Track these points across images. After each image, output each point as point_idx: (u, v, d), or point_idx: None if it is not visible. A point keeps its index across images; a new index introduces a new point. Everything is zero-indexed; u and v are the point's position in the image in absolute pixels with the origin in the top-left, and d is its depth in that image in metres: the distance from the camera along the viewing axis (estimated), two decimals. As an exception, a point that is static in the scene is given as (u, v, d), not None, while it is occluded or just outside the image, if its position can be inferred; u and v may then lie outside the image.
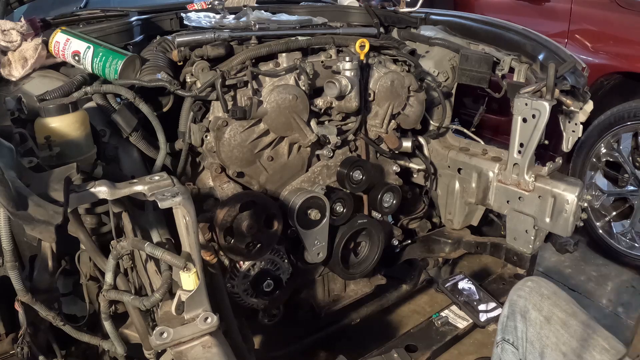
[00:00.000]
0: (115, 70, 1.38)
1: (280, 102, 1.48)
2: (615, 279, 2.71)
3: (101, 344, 1.31)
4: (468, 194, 1.92)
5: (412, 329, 1.68)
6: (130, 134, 1.38)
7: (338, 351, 1.65)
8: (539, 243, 1.81)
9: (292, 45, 1.56)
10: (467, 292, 1.77)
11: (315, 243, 1.64)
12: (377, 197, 1.79)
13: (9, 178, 0.85)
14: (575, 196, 1.63)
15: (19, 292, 1.09)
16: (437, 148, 2.00)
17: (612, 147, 2.71)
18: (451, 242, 2.02)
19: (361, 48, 1.60)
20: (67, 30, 1.43)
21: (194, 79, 1.48)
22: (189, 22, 1.68)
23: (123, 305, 1.29)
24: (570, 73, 1.70)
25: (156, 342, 1.03)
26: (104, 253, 1.22)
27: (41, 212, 0.85)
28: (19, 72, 1.36)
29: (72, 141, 1.19)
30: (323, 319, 1.86)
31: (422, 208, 2.07)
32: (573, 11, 3.01)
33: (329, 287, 1.90)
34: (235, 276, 1.57)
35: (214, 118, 1.49)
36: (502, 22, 1.98)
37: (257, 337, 1.85)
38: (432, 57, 1.96)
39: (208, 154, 1.53)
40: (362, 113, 1.69)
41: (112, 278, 1.15)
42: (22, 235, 1.24)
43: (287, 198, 1.61)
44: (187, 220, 1.04)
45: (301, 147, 1.63)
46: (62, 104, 1.18)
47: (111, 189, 1.02)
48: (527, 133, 1.66)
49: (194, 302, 1.07)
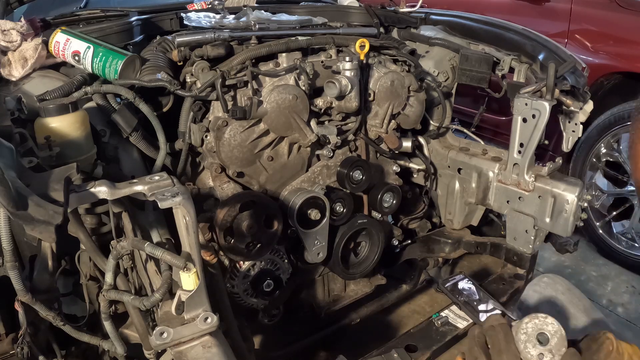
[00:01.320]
0: (115, 70, 1.38)
1: (280, 102, 1.48)
2: (615, 279, 2.71)
3: (101, 344, 1.31)
4: (468, 194, 1.92)
5: (412, 329, 1.67)
6: (130, 134, 1.37)
7: (338, 351, 1.65)
8: (539, 243, 1.81)
9: (292, 45, 1.56)
10: (467, 292, 1.77)
11: (315, 243, 1.63)
12: (377, 197, 1.78)
13: (9, 178, 0.85)
14: (575, 196, 1.63)
15: (19, 292, 1.09)
16: (437, 148, 2.00)
17: (612, 147, 2.72)
18: (451, 242, 2.02)
19: (361, 48, 1.60)
20: (67, 30, 1.43)
21: (194, 79, 1.48)
22: (189, 22, 1.68)
23: (123, 305, 1.29)
24: (570, 73, 1.70)
25: (156, 342, 1.03)
26: (104, 253, 1.22)
27: (41, 212, 0.85)
28: (19, 72, 1.36)
29: (72, 141, 1.19)
30: (323, 319, 1.86)
31: (422, 208, 2.07)
32: (573, 11, 3.02)
33: (329, 287, 1.90)
34: (235, 276, 1.57)
35: (214, 118, 1.49)
36: (502, 22, 1.98)
37: (257, 337, 1.84)
38: (432, 57, 1.96)
39: (208, 154, 1.53)
40: (362, 113, 1.69)
41: (112, 278, 1.15)
42: (22, 235, 1.24)
43: (287, 198, 1.61)
44: (187, 220, 1.04)
45: (301, 147, 1.63)
46: (62, 104, 1.18)
47: (111, 189, 1.02)
48: (527, 133, 1.66)
49: (194, 302, 1.07)
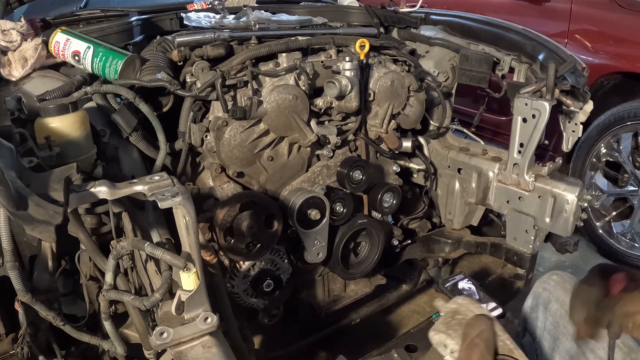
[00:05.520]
0: (115, 70, 1.38)
1: (280, 102, 1.48)
2: (615, 279, 2.70)
3: (101, 344, 1.31)
4: (468, 194, 1.92)
5: (412, 329, 1.67)
6: (130, 134, 1.37)
7: (338, 351, 1.65)
8: (539, 243, 1.81)
9: (292, 45, 1.56)
10: (467, 292, 1.76)
11: (315, 243, 1.63)
12: (377, 197, 1.78)
13: (9, 178, 0.85)
14: (575, 196, 1.63)
15: (19, 292, 1.09)
16: (437, 148, 2.00)
17: (612, 147, 2.71)
18: (451, 242, 2.02)
19: (361, 48, 1.60)
20: (67, 30, 1.43)
21: (194, 79, 1.48)
22: (189, 22, 1.68)
23: (123, 305, 1.29)
24: (570, 73, 1.70)
25: (156, 342, 1.03)
26: (104, 253, 1.22)
27: (41, 212, 0.85)
28: (19, 72, 1.36)
29: (72, 141, 1.19)
30: (323, 319, 1.86)
31: (422, 208, 2.07)
32: (573, 11, 3.01)
33: (329, 287, 1.90)
34: (235, 276, 1.57)
35: (214, 118, 1.49)
36: (502, 22, 1.98)
37: (257, 337, 1.85)
38: (432, 57, 1.96)
39: (208, 154, 1.53)
40: (362, 113, 1.69)
41: (112, 278, 1.15)
42: (22, 235, 1.24)
43: (287, 198, 1.61)
44: (187, 220, 1.04)
45: (301, 147, 1.63)
46: (62, 104, 1.19)
47: (111, 189, 1.02)
48: (527, 133, 1.66)
49: (194, 302, 1.07)
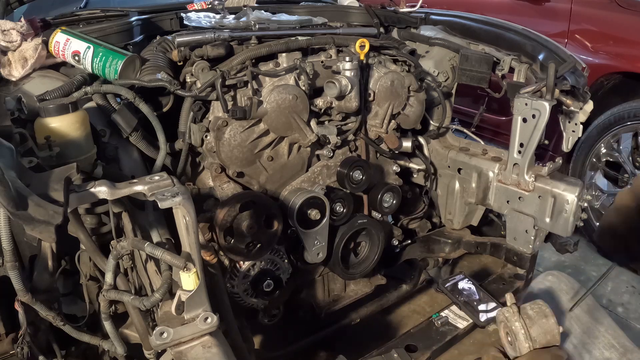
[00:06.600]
0: (115, 70, 1.38)
1: (280, 102, 1.48)
2: (615, 279, 2.71)
3: (101, 344, 1.31)
4: (468, 194, 1.92)
5: (412, 329, 1.67)
6: (130, 134, 1.38)
7: (338, 351, 1.65)
8: (539, 243, 1.81)
9: (292, 45, 1.56)
10: (467, 292, 1.77)
11: (315, 243, 1.63)
12: (377, 197, 1.78)
13: (9, 178, 0.85)
14: (575, 196, 1.63)
15: (19, 292, 1.09)
16: (437, 148, 2.00)
17: (612, 147, 2.72)
18: (451, 242, 2.02)
19: (361, 48, 1.60)
20: (67, 30, 1.43)
21: (194, 79, 1.48)
22: (189, 22, 1.68)
23: (123, 305, 1.29)
24: (570, 73, 1.70)
25: (156, 342, 1.03)
26: (104, 253, 1.22)
27: (41, 212, 0.85)
28: (19, 72, 1.36)
29: (72, 141, 1.19)
30: (323, 319, 1.85)
31: (422, 208, 2.07)
32: (573, 11, 3.02)
33: (329, 287, 1.90)
34: (235, 276, 1.57)
35: (214, 118, 1.49)
36: (502, 22, 1.98)
37: (257, 337, 1.84)
38: (432, 57, 1.96)
39: (208, 154, 1.53)
40: (362, 113, 1.69)
41: (112, 278, 1.15)
42: (22, 235, 1.24)
43: (287, 198, 1.61)
44: (187, 220, 1.04)
45: (301, 147, 1.63)
46: (62, 104, 1.19)
47: (111, 189, 1.02)
48: (527, 133, 1.66)
49: (194, 302, 1.07)
